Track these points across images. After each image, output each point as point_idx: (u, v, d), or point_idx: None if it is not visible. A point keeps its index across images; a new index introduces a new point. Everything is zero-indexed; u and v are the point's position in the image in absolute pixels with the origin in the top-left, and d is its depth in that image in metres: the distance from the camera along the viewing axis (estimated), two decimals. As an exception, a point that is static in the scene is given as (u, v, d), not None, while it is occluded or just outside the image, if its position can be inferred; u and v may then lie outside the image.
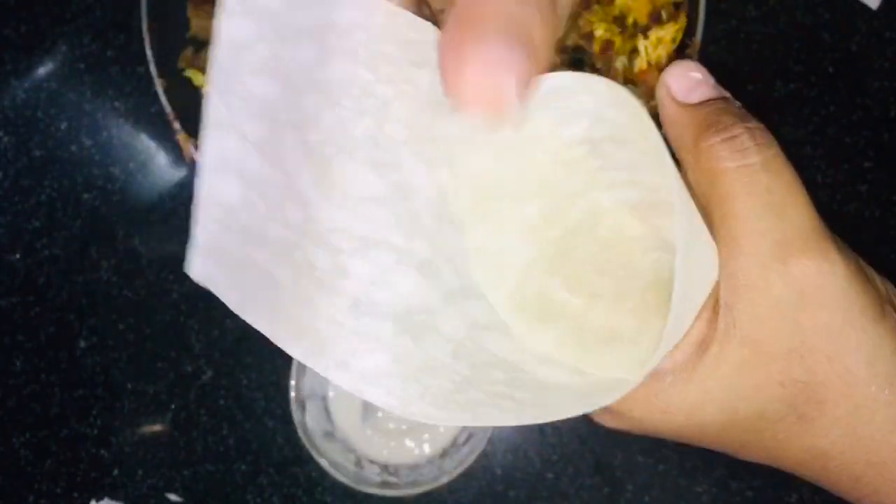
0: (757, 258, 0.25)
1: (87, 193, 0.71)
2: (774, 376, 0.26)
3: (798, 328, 0.25)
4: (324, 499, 0.67)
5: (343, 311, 0.26)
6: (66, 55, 0.72)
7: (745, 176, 0.25)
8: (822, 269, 0.25)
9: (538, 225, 0.30)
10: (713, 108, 0.27)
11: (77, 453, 0.68)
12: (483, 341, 0.28)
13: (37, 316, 0.70)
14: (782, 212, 0.25)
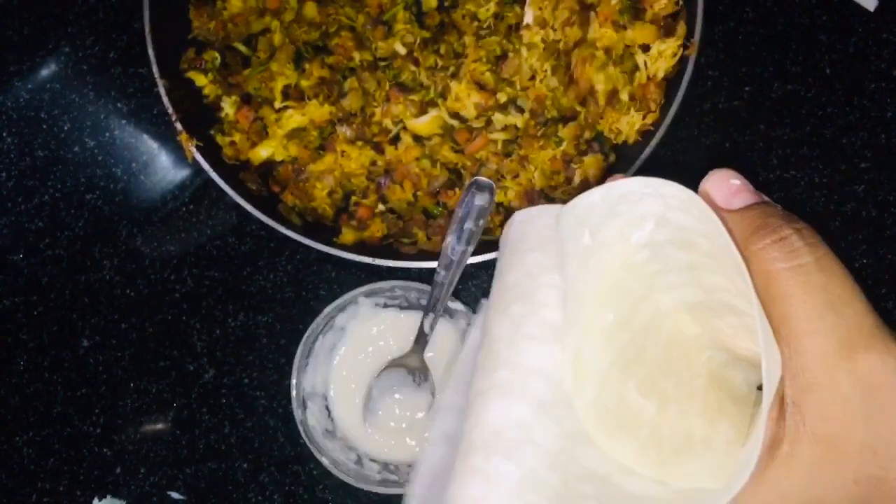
0: (821, 357, 0.25)
1: (89, 193, 0.71)
2: (848, 474, 0.26)
3: (869, 424, 0.25)
4: (324, 496, 0.67)
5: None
6: (68, 56, 0.73)
7: (799, 276, 0.26)
8: (888, 364, 0.25)
9: (614, 331, 0.31)
10: (758, 211, 0.28)
11: (80, 451, 0.69)
12: (574, 452, 0.28)
13: (40, 315, 0.70)
14: (841, 310, 0.26)
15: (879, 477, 0.26)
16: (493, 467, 0.27)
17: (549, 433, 0.28)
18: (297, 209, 0.65)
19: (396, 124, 0.65)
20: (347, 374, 0.65)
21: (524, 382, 0.28)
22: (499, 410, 0.28)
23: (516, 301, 0.30)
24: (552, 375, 0.29)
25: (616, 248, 0.30)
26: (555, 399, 0.29)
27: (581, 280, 0.30)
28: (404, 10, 0.66)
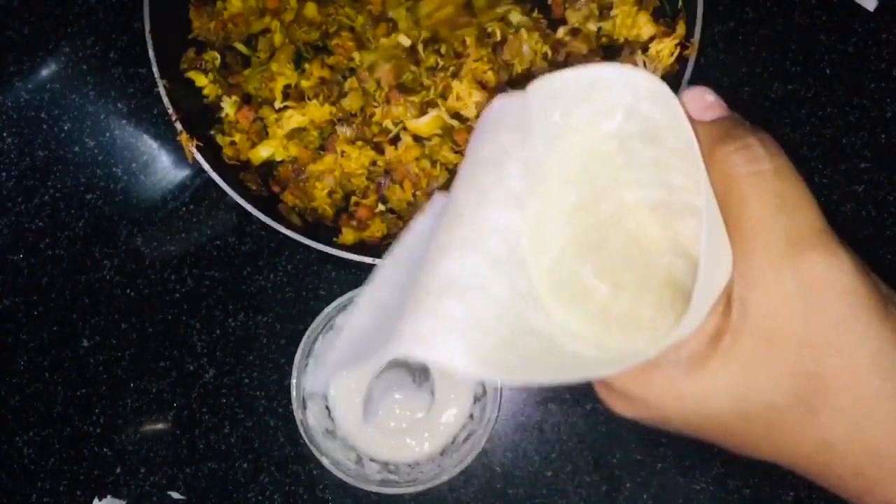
0: (769, 255, 0.27)
1: (89, 194, 0.71)
2: (785, 367, 0.27)
3: (808, 321, 0.27)
4: (324, 496, 0.67)
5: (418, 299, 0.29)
6: (69, 57, 0.73)
7: (757, 181, 0.28)
8: (832, 264, 0.27)
9: (576, 211, 0.32)
10: (727, 122, 0.30)
11: (80, 452, 0.69)
12: (522, 310, 0.30)
13: (40, 315, 0.70)
14: (793, 213, 0.27)
15: (814, 372, 0.27)
16: (445, 308, 0.28)
17: (501, 286, 0.29)
18: (297, 209, 0.65)
19: (396, 124, 0.65)
20: (347, 374, 0.65)
21: (483, 239, 0.30)
22: (456, 260, 0.29)
23: (485, 172, 0.31)
24: (510, 238, 0.30)
25: (585, 134, 0.31)
26: (511, 259, 0.30)
27: (547, 156, 0.31)
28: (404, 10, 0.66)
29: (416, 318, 0.28)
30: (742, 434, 0.29)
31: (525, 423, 0.67)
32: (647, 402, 0.30)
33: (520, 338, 0.29)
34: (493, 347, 0.28)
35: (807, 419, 0.28)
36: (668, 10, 0.64)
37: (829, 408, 0.27)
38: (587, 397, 0.67)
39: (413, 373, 0.62)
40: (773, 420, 0.28)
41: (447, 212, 0.32)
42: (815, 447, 0.28)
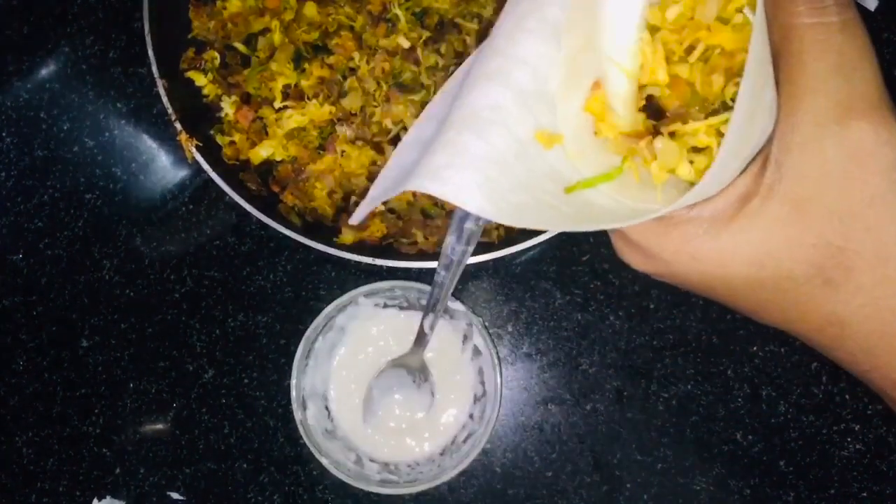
0: (815, 117, 0.25)
1: (89, 193, 0.71)
2: (808, 237, 0.26)
3: (843, 192, 0.25)
4: (324, 497, 0.67)
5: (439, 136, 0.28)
6: (68, 56, 0.73)
7: (819, 34, 0.25)
8: (880, 135, 0.25)
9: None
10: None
11: (79, 452, 0.68)
12: (544, 150, 0.29)
13: (39, 315, 0.70)
14: (850, 74, 0.25)
15: (838, 245, 0.26)
16: (463, 141, 0.27)
17: (523, 123, 0.28)
18: (297, 209, 0.65)
19: (397, 124, 0.65)
20: (347, 375, 0.65)
21: (510, 70, 0.28)
22: (482, 92, 0.28)
23: (526, 0, 0.30)
24: (539, 69, 0.29)
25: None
26: (537, 93, 0.29)
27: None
28: (406, 10, 0.66)
29: (434, 152, 0.27)
30: (754, 300, 0.28)
31: (525, 423, 0.67)
32: (662, 258, 0.29)
33: (537, 179, 0.28)
34: (510, 187, 0.27)
35: (823, 292, 0.26)
36: None
37: (849, 284, 0.26)
38: (587, 398, 0.67)
39: (413, 373, 0.62)
40: (787, 289, 0.27)
41: (487, 40, 0.30)
42: (827, 321, 0.27)
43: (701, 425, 0.66)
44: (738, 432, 0.65)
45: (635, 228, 0.29)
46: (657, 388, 0.67)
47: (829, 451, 0.66)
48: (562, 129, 0.29)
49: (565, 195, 0.28)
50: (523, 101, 0.28)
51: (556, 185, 0.28)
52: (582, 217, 0.28)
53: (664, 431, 0.66)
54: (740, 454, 0.65)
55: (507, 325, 0.68)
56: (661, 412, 0.66)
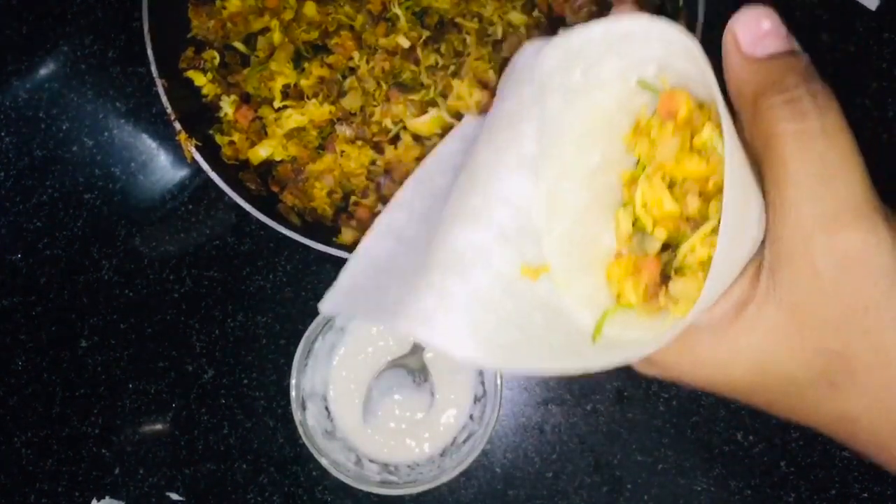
0: (803, 227, 0.25)
1: (88, 193, 0.71)
2: (808, 343, 0.26)
3: (837, 300, 0.25)
4: (324, 497, 0.67)
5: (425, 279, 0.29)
6: (67, 56, 0.72)
7: (800, 141, 0.25)
8: (869, 243, 0.25)
9: (598, 172, 0.31)
10: (778, 64, 0.26)
11: (78, 452, 0.68)
12: (532, 282, 0.29)
13: (38, 315, 0.70)
14: (833, 182, 0.25)
15: (839, 351, 0.26)
16: (448, 284, 0.27)
17: (507, 260, 0.29)
18: (297, 209, 0.65)
19: (396, 124, 0.65)
20: (347, 375, 0.65)
21: (491, 210, 0.29)
22: (462, 233, 0.29)
23: (504, 129, 0.30)
24: (521, 205, 0.29)
25: (612, 88, 0.29)
26: (520, 229, 0.29)
27: (565, 117, 0.30)
28: (406, 9, 0.66)
29: (420, 294, 0.27)
30: (761, 401, 0.28)
31: (525, 424, 0.67)
32: (664, 364, 0.29)
33: (526, 313, 0.28)
34: (497, 325, 0.27)
35: (829, 394, 0.26)
36: (668, 9, 0.64)
37: (854, 386, 0.26)
38: (588, 398, 0.67)
39: (413, 373, 0.62)
40: (793, 392, 0.27)
41: (467, 166, 0.30)
42: (837, 419, 0.27)
43: (702, 426, 0.65)
44: (739, 433, 0.65)
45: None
46: (657, 388, 0.66)
47: (830, 452, 0.65)
48: (548, 258, 0.30)
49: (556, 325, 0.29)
50: (506, 238, 0.29)
51: (546, 315, 0.29)
52: (570, 352, 0.28)
53: (664, 432, 0.66)
54: (741, 454, 0.65)
55: (507, 326, 0.68)
56: (662, 412, 0.66)
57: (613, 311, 0.30)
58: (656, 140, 0.29)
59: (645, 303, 0.29)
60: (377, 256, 0.32)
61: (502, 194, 0.29)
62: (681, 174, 0.28)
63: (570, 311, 0.29)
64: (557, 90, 0.29)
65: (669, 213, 0.28)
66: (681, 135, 0.28)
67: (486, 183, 0.29)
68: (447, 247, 0.28)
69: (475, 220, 0.29)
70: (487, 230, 0.29)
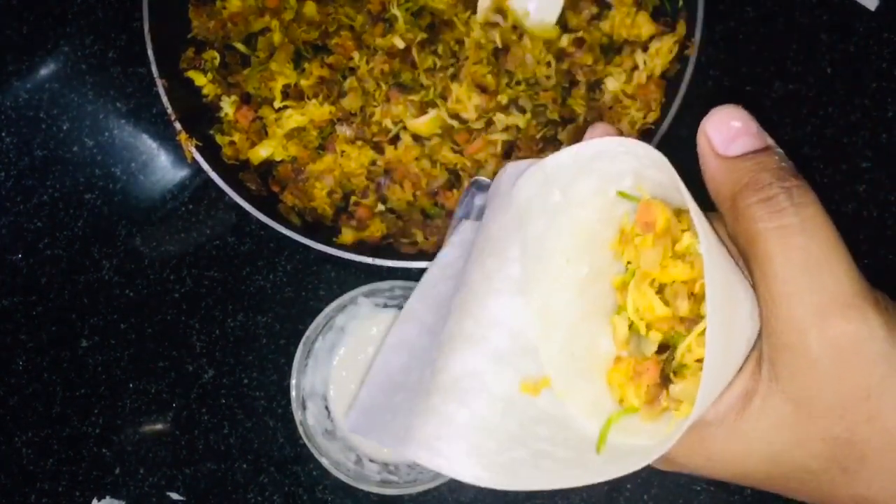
0: (794, 321, 0.26)
1: (88, 193, 0.71)
2: (815, 433, 0.26)
3: (837, 389, 0.26)
4: (324, 497, 0.67)
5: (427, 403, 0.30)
6: (68, 56, 0.73)
7: (781, 238, 0.26)
8: (861, 332, 0.25)
9: (589, 282, 0.32)
10: (752, 163, 0.27)
11: (79, 452, 0.68)
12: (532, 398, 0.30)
13: (39, 315, 0.70)
14: (819, 275, 0.25)
15: (846, 438, 0.26)
16: (449, 410, 0.29)
17: (505, 381, 0.30)
18: (297, 209, 0.65)
19: (396, 124, 0.65)
20: (347, 375, 0.65)
21: (484, 334, 0.30)
22: (459, 359, 0.30)
23: (492, 254, 0.31)
24: (513, 326, 0.30)
25: (592, 203, 0.31)
26: (515, 348, 0.30)
27: (549, 236, 0.31)
28: (405, 10, 0.66)
29: (424, 419, 0.29)
30: (779, 487, 0.29)
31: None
32: (677, 462, 0.29)
33: (529, 429, 0.29)
34: (500, 446, 0.28)
35: (843, 479, 0.27)
36: (668, 9, 0.64)
37: (866, 469, 0.26)
38: (587, 398, 0.67)
39: (413, 373, 0.62)
40: (808, 479, 0.27)
41: (460, 288, 0.32)
42: (854, 500, 0.27)
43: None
44: (739, 432, 0.65)
45: None
46: (657, 388, 0.66)
47: (830, 452, 0.65)
48: (547, 371, 0.31)
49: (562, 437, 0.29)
50: (501, 360, 0.30)
51: (550, 428, 0.30)
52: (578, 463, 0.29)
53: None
54: (741, 454, 0.65)
55: (507, 325, 0.68)
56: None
57: (617, 417, 0.30)
58: (639, 249, 0.30)
59: (648, 405, 0.30)
60: (392, 371, 0.33)
61: (494, 318, 0.30)
62: (667, 280, 0.29)
63: (573, 421, 0.30)
64: (540, 213, 0.31)
65: (662, 316, 0.29)
66: (661, 244, 0.29)
67: (478, 308, 0.31)
68: (446, 371, 0.30)
69: (469, 345, 0.30)
70: (482, 355, 0.30)
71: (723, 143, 0.28)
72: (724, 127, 0.28)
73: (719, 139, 0.28)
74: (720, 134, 0.28)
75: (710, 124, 0.28)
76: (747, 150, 0.27)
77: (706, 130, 0.28)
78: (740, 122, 0.28)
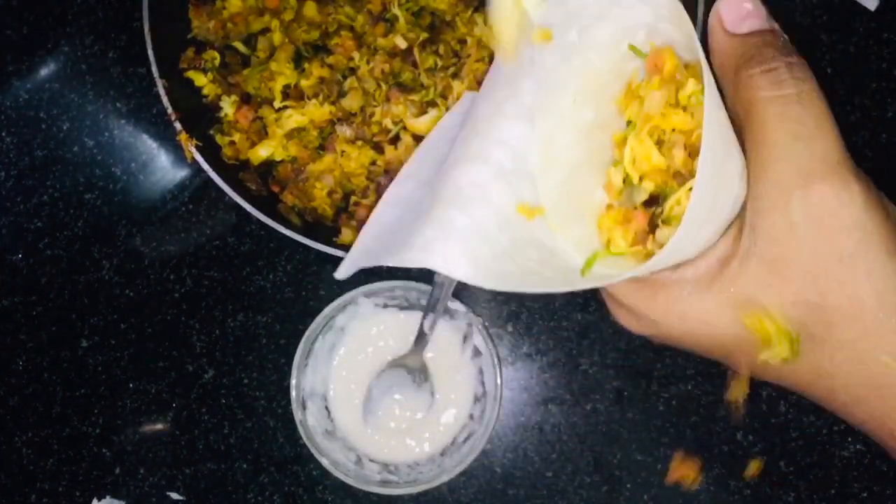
0: (780, 183, 0.27)
1: (88, 193, 0.71)
2: (787, 296, 0.27)
3: (813, 252, 0.27)
4: (324, 497, 0.67)
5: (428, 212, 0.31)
6: (68, 56, 0.73)
7: (778, 106, 0.27)
8: (841, 197, 0.26)
9: (593, 129, 0.33)
10: (758, 40, 0.29)
11: (79, 452, 0.68)
12: (525, 220, 0.31)
13: (39, 315, 0.70)
14: (809, 142, 0.27)
15: (817, 303, 0.27)
16: (448, 216, 0.29)
17: (504, 197, 0.31)
18: (297, 209, 0.65)
19: (396, 124, 0.65)
20: (347, 375, 0.65)
21: (490, 150, 0.31)
22: (463, 171, 0.31)
23: (503, 87, 0.32)
24: (518, 149, 0.31)
25: (605, 52, 0.31)
26: (517, 170, 0.31)
27: (562, 73, 0.32)
28: (406, 10, 0.66)
29: (423, 227, 0.29)
30: (744, 354, 0.30)
31: (525, 423, 0.67)
32: (652, 320, 0.30)
33: (521, 248, 0.30)
34: (494, 256, 0.29)
35: (808, 348, 0.28)
36: None
37: (831, 338, 0.27)
38: (587, 398, 0.67)
39: (413, 373, 0.62)
40: None
41: (466, 121, 0.32)
42: (815, 375, 0.28)
43: (701, 425, 0.65)
44: (739, 432, 0.65)
45: (626, 292, 0.31)
46: (657, 388, 0.67)
47: (830, 451, 0.66)
48: (543, 202, 0.32)
49: (549, 262, 0.30)
50: (504, 178, 0.31)
51: (540, 252, 0.31)
52: (564, 280, 0.30)
53: (664, 431, 0.66)
54: (740, 454, 0.65)
55: (507, 325, 0.68)
56: (661, 412, 0.66)
57: (603, 255, 0.31)
58: (644, 96, 0.30)
59: (633, 248, 0.31)
60: (386, 223, 0.34)
61: (501, 137, 0.31)
62: (667, 127, 0.30)
63: (562, 252, 0.31)
64: (556, 48, 0.31)
65: (657, 166, 0.30)
66: (667, 88, 0.30)
67: (485, 129, 0.31)
68: (449, 184, 0.30)
69: (475, 159, 0.31)
70: (486, 168, 0.30)
71: (733, 21, 0.29)
72: (736, 6, 0.29)
73: (730, 17, 0.29)
74: (732, 13, 0.29)
75: (724, 4, 0.30)
76: (754, 29, 0.29)
77: (719, 9, 0.29)
78: (752, 4, 0.29)
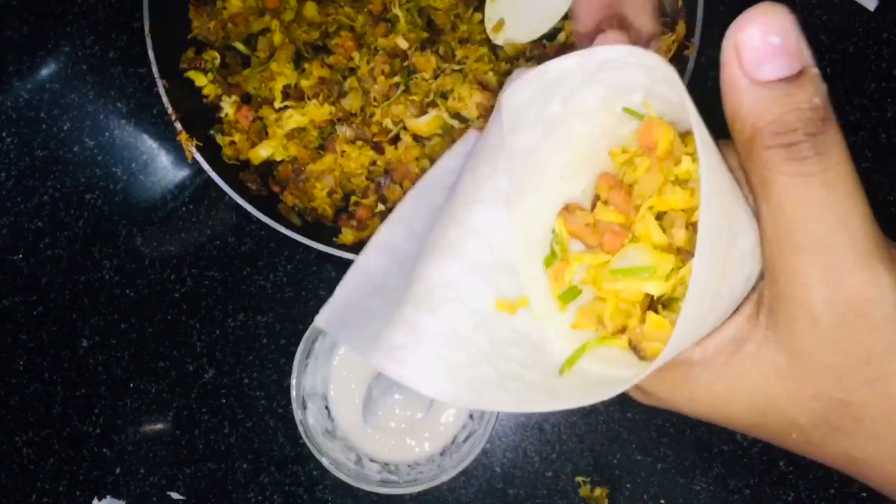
0: (801, 275, 0.24)
1: (89, 193, 0.71)
2: (809, 389, 0.25)
3: (838, 349, 0.24)
4: (324, 497, 0.67)
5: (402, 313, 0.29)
6: (68, 56, 0.73)
7: (799, 188, 0.23)
8: (870, 294, 0.23)
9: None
10: (782, 97, 0.23)
11: (79, 452, 0.68)
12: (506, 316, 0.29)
13: (39, 315, 0.70)
14: (834, 230, 0.23)
15: (841, 399, 0.25)
16: (417, 319, 0.27)
17: (481, 294, 0.28)
18: (297, 209, 0.65)
19: (396, 124, 0.65)
20: (347, 374, 0.65)
21: (464, 243, 0.29)
22: (435, 267, 0.28)
23: (483, 163, 0.30)
24: (494, 239, 0.29)
25: (596, 117, 0.29)
26: (494, 262, 0.29)
27: (543, 149, 0.29)
28: (406, 10, 0.66)
29: (393, 328, 0.27)
30: (763, 436, 0.28)
31: (525, 423, 0.67)
32: (660, 398, 0.28)
33: (501, 348, 0.28)
34: (469, 361, 0.27)
35: (833, 438, 0.26)
36: (667, 9, 0.64)
37: (860, 432, 0.25)
38: (587, 397, 0.67)
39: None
40: (794, 432, 0.26)
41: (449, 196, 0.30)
42: (843, 460, 0.27)
43: (700, 425, 0.65)
44: (738, 432, 0.66)
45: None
46: (657, 387, 0.67)
47: (829, 451, 0.65)
48: (528, 291, 0.29)
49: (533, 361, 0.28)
50: (479, 273, 0.28)
51: (523, 350, 0.28)
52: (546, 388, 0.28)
53: (664, 431, 0.66)
54: (740, 454, 0.65)
55: (507, 325, 0.68)
56: (661, 412, 0.66)
57: (594, 344, 0.29)
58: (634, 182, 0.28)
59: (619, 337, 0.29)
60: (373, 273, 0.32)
61: (475, 227, 0.29)
62: (665, 207, 0.27)
63: (548, 345, 0.29)
64: (533, 124, 0.29)
65: (658, 244, 0.27)
66: (661, 167, 0.27)
67: (461, 216, 0.29)
68: (421, 280, 0.28)
69: (448, 254, 0.28)
70: (459, 263, 0.28)
71: (753, 62, 0.23)
72: (758, 40, 0.23)
73: (750, 57, 0.23)
74: (753, 50, 0.23)
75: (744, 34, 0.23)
76: (779, 75, 0.23)
77: (736, 38, 0.23)
78: (780, 38, 0.23)
